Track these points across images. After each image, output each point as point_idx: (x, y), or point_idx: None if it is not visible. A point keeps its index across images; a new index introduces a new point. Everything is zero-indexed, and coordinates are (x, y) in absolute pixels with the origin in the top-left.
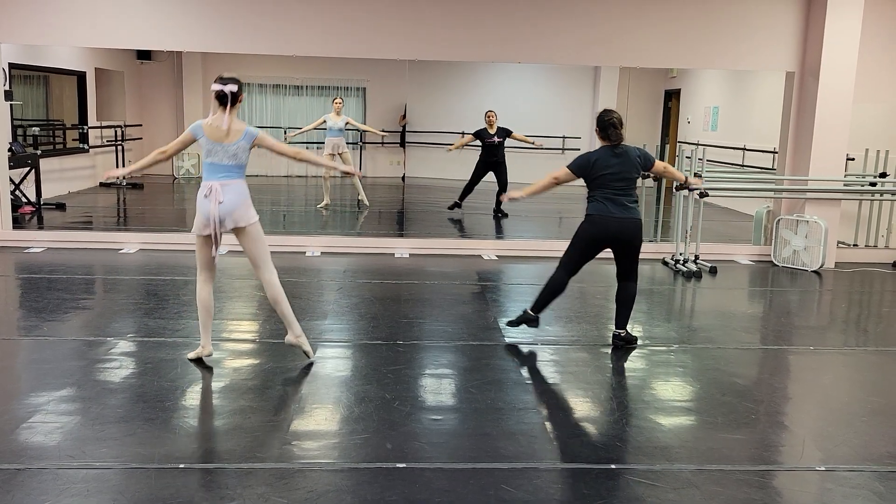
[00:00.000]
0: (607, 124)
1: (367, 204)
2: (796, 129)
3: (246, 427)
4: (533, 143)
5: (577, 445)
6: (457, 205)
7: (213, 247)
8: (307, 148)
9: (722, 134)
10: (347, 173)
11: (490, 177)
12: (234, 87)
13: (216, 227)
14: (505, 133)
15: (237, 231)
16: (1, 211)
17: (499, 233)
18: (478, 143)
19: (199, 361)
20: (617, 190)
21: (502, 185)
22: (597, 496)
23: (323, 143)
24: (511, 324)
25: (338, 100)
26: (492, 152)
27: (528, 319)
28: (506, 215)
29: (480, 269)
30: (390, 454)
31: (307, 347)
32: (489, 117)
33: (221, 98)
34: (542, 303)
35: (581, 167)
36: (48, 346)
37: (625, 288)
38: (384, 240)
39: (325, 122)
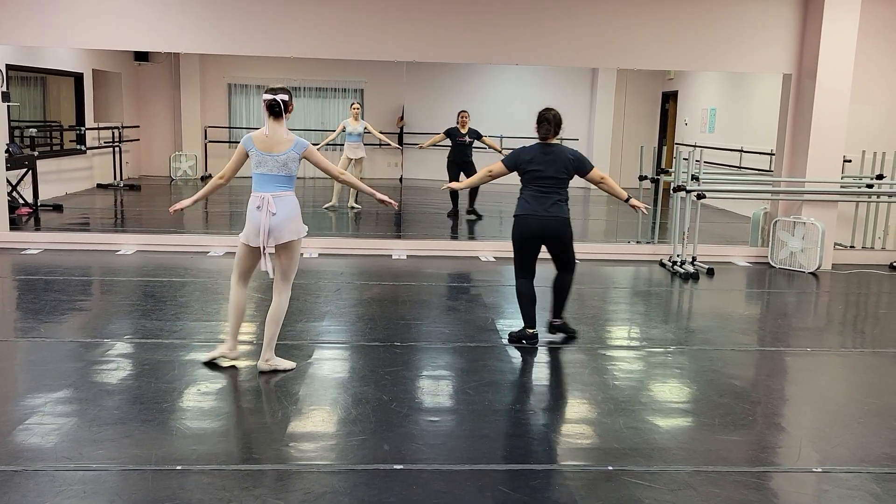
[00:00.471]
0: (540, 118)
1: (359, 206)
2: (793, 131)
3: (243, 428)
4: (500, 151)
5: (575, 447)
6: (455, 213)
7: (262, 259)
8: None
9: (719, 136)
10: (383, 202)
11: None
12: (285, 97)
13: (265, 239)
14: (476, 135)
15: (281, 245)
16: None
17: (497, 234)
18: (447, 142)
19: (211, 364)
20: (544, 188)
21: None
22: (594, 497)
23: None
24: (511, 338)
25: (355, 105)
26: (461, 152)
27: (528, 337)
28: (480, 217)
29: (478, 270)
30: (388, 456)
31: (283, 365)
32: (462, 118)
33: (272, 108)
34: (528, 315)
35: (512, 161)
36: (45, 347)
37: (560, 278)
38: (382, 241)
39: (344, 128)
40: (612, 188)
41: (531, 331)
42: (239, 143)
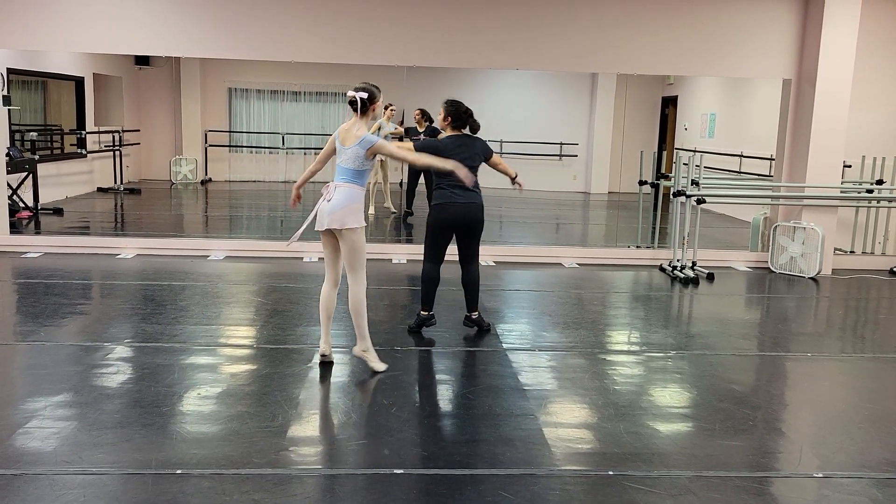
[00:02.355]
0: (462, 114)
1: (394, 210)
2: (793, 136)
3: (243, 432)
4: None
5: (575, 451)
6: (408, 213)
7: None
8: (305, 154)
9: (719, 141)
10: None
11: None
12: (364, 95)
13: (326, 222)
14: (433, 133)
15: (337, 233)
16: None
17: (496, 239)
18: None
19: (323, 365)
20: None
21: (427, 185)
22: (595, 502)
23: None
24: (411, 329)
25: (392, 106)
26: None
27: (425, 320)
28: (411, 213)
29: None
30: (388, 460)
31: (373, 363)
32: (415, 116)
33: (352, 104)
34: (427, 299)
35: (429, 146)
36: (45, 351)
37: (468, 272)
38: (382, 245)
39: (380, 127)
40: (505, 169)
41: (429, 313)
42: (236, 148)
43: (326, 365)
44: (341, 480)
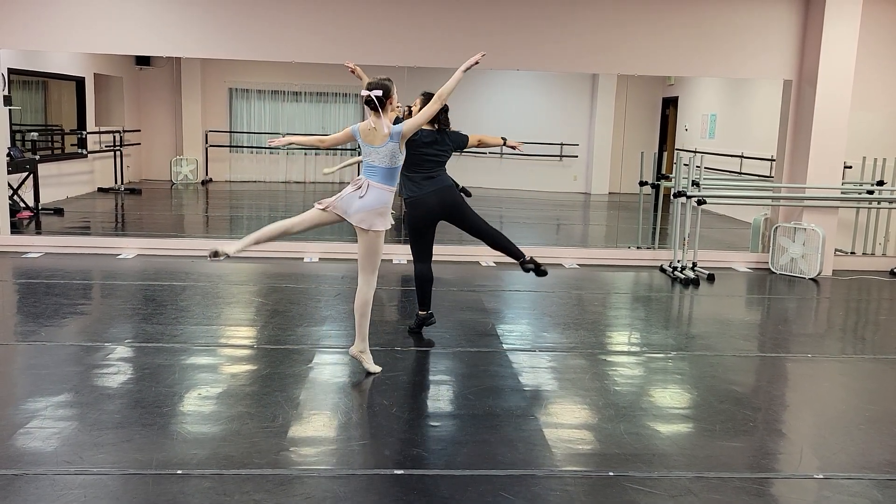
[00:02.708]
0: (440, 111)
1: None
2: (794, 137)
3: (243, 433)
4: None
5: (575, 452)
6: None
7: (326, 214)
8: (305, 154)
9: (719, 141)
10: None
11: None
12: (378, 92)
13: (340, 208)
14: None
15: (360, 231)
16: None
17: None
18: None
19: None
20: (432, 170)
21: None
22: (595, 503)
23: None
24: (412, 330)
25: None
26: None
27: (424, 319)
28: None
29: (478, 275)
30: (388, 461)
31: (367, 365)
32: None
33: (369, 104)
34: (423, 298)
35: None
36: (46, 351)
37: (489, 238)
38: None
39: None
40: (488, 141)
41: (427, 311)
42: (236, 148)
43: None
44: (342, 481)
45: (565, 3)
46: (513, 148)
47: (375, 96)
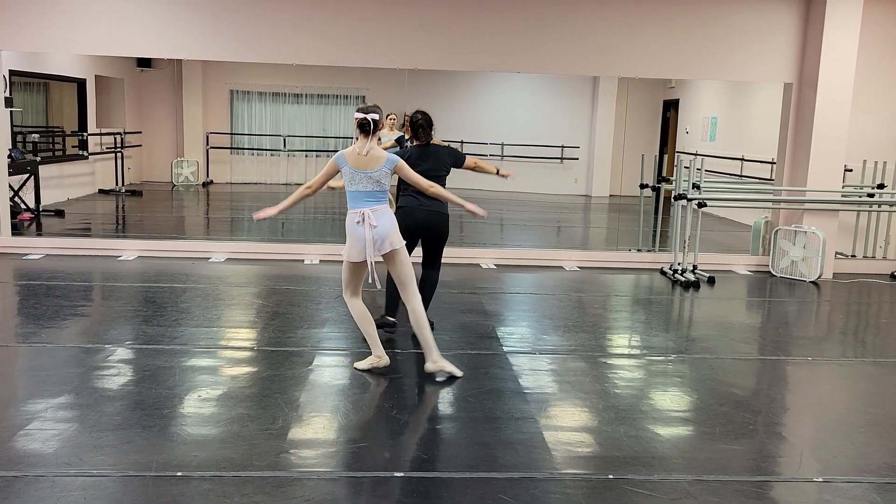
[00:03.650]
0: (416, 125)
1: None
2: (794, 140)
3: (243, 435)
4: None
5: (575, 455)
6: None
7: (369, 273)
8: (306, 156)
9: (720, 144)
10: (473, 213)
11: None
12: (375, 116)
13: (371, 252)
14: (400, 142)
15: (388, 254)
16: (0, 217)
17: (497, 242)
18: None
19: (367, 371)
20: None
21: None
22: None
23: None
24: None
25: (392, 115)
26: None
27: (388, 323)
28: None
29: (479, 277)
30: (388, 463)
31: (450, 368)
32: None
33: (363, 126)
34: (392, 304)
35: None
36: (46, 353)
37: (428, 276)
38: None
39: (380, 139)
40: (484, 168)
41: (391, 318)
42: (237, 150)
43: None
44: (341, 483)
45: (566, 5)
46: (504, 177)
47: (373, 119)
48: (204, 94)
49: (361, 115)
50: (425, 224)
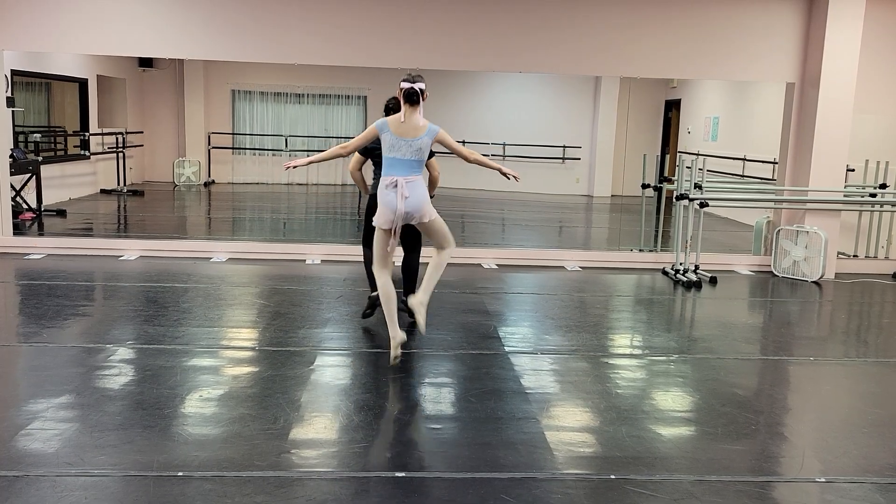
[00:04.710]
0: (388, 110)
1: None
2: (796, 140)
3: (245, 435)
4: None
5: (577, 455)
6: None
7: (392, 238)
8: (308, 156)
9: (722, 144)
10: (506, 174)
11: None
12: (422, 85)
13: (398, 221)
14: None
15: (421, 224)
16: (1, 217)
17: (499, 242)
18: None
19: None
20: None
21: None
22: None
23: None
24: (366, 314)
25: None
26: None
27: (376, 300)
28: None
29: (480, 277)
30: (389, 463)
31: (419, 318)
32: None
33: (411, 96)
34: (373, 281)
35: (364, 147)
36: (47, 352)
37: (409, 259)
38: None
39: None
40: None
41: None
42: (239, 150)
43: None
44: (343, 483)
45: (568, 5)
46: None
47: (420, 88)
48: (206, 94)
49: (408, 85)
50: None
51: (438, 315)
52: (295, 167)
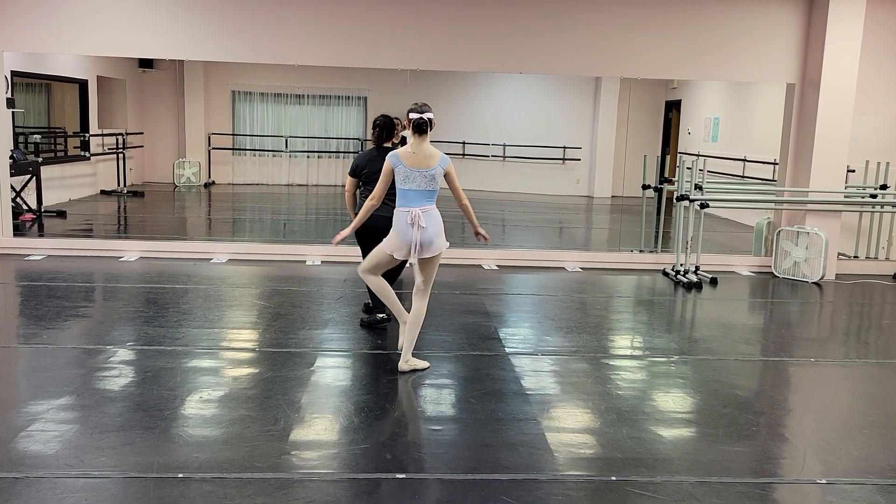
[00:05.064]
0: (374, 126)
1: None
2: (797, 141)
3: (245, 436)
4: None
5: (578, 456)
6: None
7: (409, 263)
8: (308, 157)
9: (722, 145)
10: (478, 233)
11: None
12: (431, 115)
13: (414, 252)
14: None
15: (428, 259)
16: (2, 218)
17: (499, 243)
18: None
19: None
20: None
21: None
22: None
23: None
24: (363, 323)
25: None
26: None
27: (378, 320)
28: None
29: (481, 278)
30: (390, 464)
31: (420, 366)
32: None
33: (420, 126)
34: (378, 303)
35: (355, 169)
36: (48, 354)
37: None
38: None
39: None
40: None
41: (377, 315)
42: (239, 151)
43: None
44: (343, 485)
45: (569, 6)
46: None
47: (429, 118)
48: (206, 95)
49: (417, 115)
50: (382, 228)
51: (439, 316)
52: (342, 240)
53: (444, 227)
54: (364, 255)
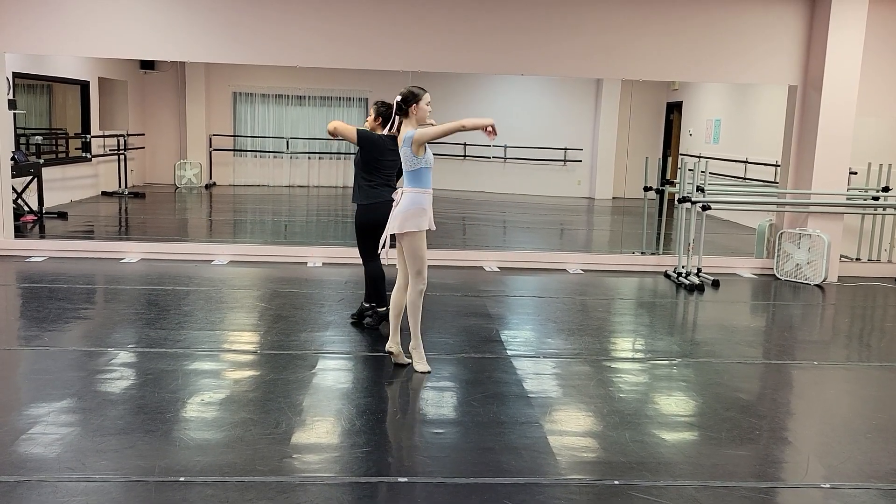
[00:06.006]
0: (378, 113)
1: None
2: (799, 143)
3: (246, 439)
4: None
5: (580, 460)
6: None
7: (383, 247)
8: (309, 158)
9: (724, 147)
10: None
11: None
12: (398, 98)
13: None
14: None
15: (398, 237)
16: (3, 220)
17: (500, 244)
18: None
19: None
20: (388, 177)
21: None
22: None
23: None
24: (367, 324)
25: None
26: None
27: (365, 311)
28: None
29: (482, 280)
30: (392, 468)
31: (418, 367)
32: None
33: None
34: (377, 293)
35: (366, 139)
36: (48, 356)
37: (371, 268)
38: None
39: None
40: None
41: (372, 304)
42: (240, 152)
43: (398, 366)
44: (345, 488)
45: (570, 7)
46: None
47: (396, 101)
48: (207, 97)
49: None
50: (383, 220)
51: (440, 318)
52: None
53: (411, 213)
54: (364, 255)
